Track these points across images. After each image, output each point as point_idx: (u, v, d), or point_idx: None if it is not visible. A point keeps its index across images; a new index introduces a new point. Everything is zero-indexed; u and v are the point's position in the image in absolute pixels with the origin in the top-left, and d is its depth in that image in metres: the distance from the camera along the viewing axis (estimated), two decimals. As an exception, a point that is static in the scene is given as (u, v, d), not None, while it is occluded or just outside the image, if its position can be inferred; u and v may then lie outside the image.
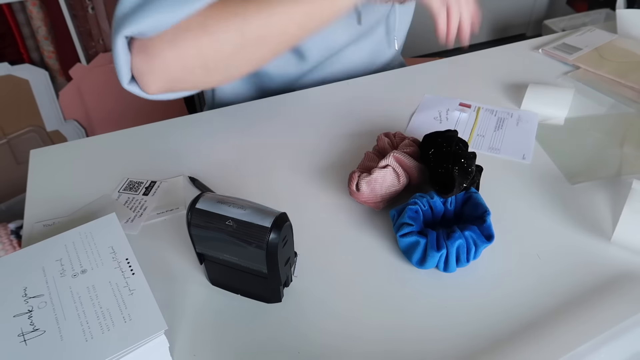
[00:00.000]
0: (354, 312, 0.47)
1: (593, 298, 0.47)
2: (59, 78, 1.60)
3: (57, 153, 0.68)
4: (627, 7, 0.92)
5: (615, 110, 0.74)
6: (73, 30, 1.52)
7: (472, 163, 0.53)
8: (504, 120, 0.69)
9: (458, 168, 0.52)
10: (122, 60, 0.53)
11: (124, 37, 0.51)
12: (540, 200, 0.58)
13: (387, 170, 0.54)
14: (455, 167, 0.51)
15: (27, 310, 0.40)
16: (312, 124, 0.72)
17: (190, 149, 0.67)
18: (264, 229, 0.41)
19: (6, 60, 1.47)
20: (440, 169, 0.52)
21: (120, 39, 0.51)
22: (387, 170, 0.54)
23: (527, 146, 0.65)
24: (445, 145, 0.54)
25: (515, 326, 0.45)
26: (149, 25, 0.50)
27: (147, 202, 0.59)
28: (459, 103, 0.73)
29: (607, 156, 0.65)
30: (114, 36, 0.51)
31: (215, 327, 0.46)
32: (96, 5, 1.53)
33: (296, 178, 0.62)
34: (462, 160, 0.52)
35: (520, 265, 0.51)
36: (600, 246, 0.53)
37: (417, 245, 0.48)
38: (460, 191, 0.52)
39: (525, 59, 0.88)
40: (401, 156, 0.54)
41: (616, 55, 0.86)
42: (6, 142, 1.55)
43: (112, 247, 0.45)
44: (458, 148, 0.54)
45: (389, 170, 0.54)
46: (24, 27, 1.48)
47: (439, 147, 0.54)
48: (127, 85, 0.56)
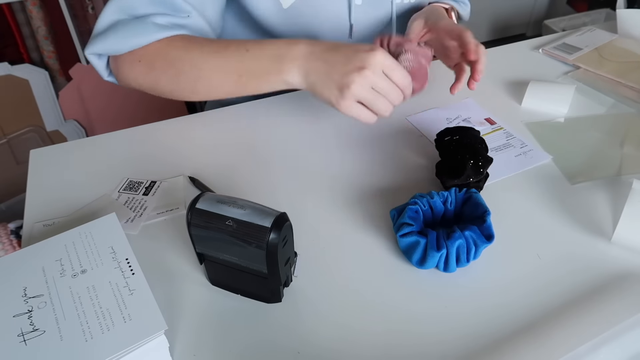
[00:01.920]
0: (354, 312, 0.47)
1: (593, 298, 0.47)
2: (58, 78, 1.60)
3: (57, 153, 0.68)
4: (627, 7, 0.92)
5: (615, 110, 0.74)
6: (73, 30, 1.52)
7: (486, 165, 0.54)
8: (511, 147, 0.67)
9: (473, 162, 0.53)
10: (96, 66, 0.66)
11: (93, 54, 0.64)
12: (540, 200, 0.58)
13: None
14: (471, 160, 0.53)
15: (27, 310, 0.40)
16: (312, 124, 0.72)
17: (190, 149, 0.67)
18: (264, 229, 0.41)
19: (6, 60, 1.47)
20: (459, 156, 0.54)
21: (90, 55, 0.64)
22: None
23: (505, 172, 0.63)
24: (467, 139, 0.55)
25: (515, 326, 0.45)
26: (108, 49, 0.62)
27: (147, 202, 0.59)
28: (485, 117, 0.73)
29: (607, 156, 0.65)
30: (86, 50, 0.63)
31: (215, 327, 0.46)
32: (96, 5, 1.53)
33: (296, 178, 0.62)
34: (480, 157, 0.53)
35: (520, 265, 0.51)
36: (600, 246, 0.53)
37: (417, 245, 0.48)
38: (464, 183, 0.53)
39: (525, 59, 0.88)
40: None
41: (616, 55, 0.86)
42: (6, 142, 1.55)
43: (112, 247, 0.45)
44: (480, 146, 0.55)
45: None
46: (23, 27, 1.48)
47: (461, 138, 0.56)
48: (107, 78, 0.67)
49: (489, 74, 0.83)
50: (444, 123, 0.71)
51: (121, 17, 0.61)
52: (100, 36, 0.61)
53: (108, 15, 0.62)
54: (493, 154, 0.65)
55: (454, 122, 0.72)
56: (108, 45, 0.61)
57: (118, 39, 0.60)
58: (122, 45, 0.61)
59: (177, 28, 0.62)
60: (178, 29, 0.62)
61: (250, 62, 0.59)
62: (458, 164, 0.54)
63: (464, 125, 0.57)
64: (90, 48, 0.62)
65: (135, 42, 0.60)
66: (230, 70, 0.60)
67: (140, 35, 0.60)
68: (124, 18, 0.61)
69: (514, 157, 0.65)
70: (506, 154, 0.65)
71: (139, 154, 0.67)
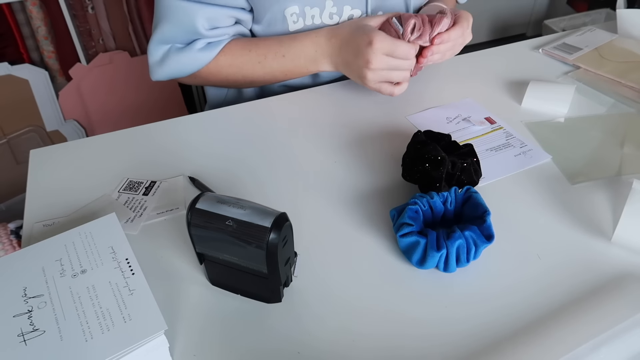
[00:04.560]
0: (354, 312, 0.47)
1: (593, 298, 0.47)
2: (58, 78, 1.60)
3: (57, 153, 0.68)
4: (627, 7, 0.92)
5: (615, 110, 0.74)
6: (73, 30, 1.52)
7: (441, 161, 0.54)
8: (510, 146, 0.66)
9: (429, 165, 0.54)
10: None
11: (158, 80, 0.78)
12: (540, 200, 0.58)
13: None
14: (426, 164, 0.54)
15: (27, 311, 0.40)
16: (312, 124, 0.72)
17: (190, 149, 0.67)
18: (264, 229, 0.41)
19: (6, 60, 1.47)
20: (418, 175, 0.55)
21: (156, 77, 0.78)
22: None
23: (505, 172, 0.63)
24: (420, 145, 0.56)
25: (515, 326, 0.45)
26: (170, 76, 0.76)
27: (147, 202, 0.59)
28: (485, 117, 0.73)
29: (607, 156, 0.65)
30: (152, 78, 0.77)
31: (215, 327, 0.46)
32: (96, 5, 1.53)
33: (296, 178, 0.62)
34: (429, 156, 0.54)
35: (520, 265, 0.51)
36: (600, 246, 0.53)
37: (417, 245, 0.48)
38: (453, 180, 0.53)
39: (525, 59, 0.88)
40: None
41: (616, 55, 0.86)
42: (6, 142, 1.55)
43: (112, 247, 0.45)
44: (429, 149, 0.55)
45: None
46: (23, 26, 1.48)
47: (415, 149, 0.57)
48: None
49: (489, 74, 0.83)
50: (443, 122, 0.71)
51: (167, 47, 0.73)
52: (157, 66, 0.75)
53: (156, 47, 0.74)
54: (493, 153, 0.65)
55: (453, 121, 0.72)
56: (169, 74, 0.75)
57: (174, 69, 0.75)
58: (179, 73, 0.76)
59: (219, 44, 0.74)
60: (219, 45, 0.74)
61: (289, 66, 0.75)
62: (427, 179, 0.54)
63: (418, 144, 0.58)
64: (154, 76, 0.76)
65: (188, 69, 0.75)
66: (276, 74, 0.76)
67: (191, 64, 0.74)
68: (170, 47, 0.73)
69: (513, 156, 0.65)
70: (506, 153, 0.65)
71: (139, 154, 0.67)
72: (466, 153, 0.56)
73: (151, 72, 0.76)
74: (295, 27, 0.75)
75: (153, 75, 0.76)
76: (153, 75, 0.76)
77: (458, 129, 0.70)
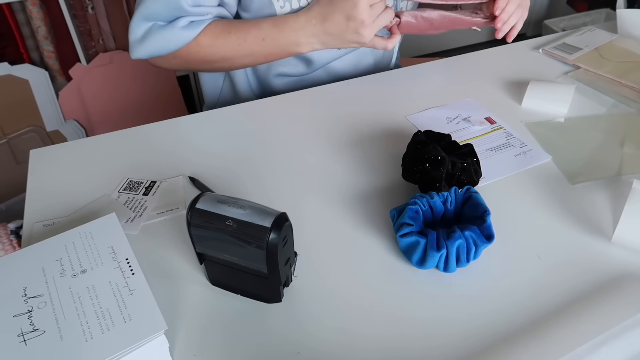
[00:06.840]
0: (354, 312, 0.47)
1: (593, 298, 0.47)
2: (58, 78, 1.60)
3: (57, 153, 0.68)
4: (627, 7, 0.92)
5: (615, 110, 0.74)
6: (73, 30, 1.52)
7: (441, 161, 0.54)
8: (510, 146, 0.66)
9: (429, 165, 0.54)
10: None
11: (137, 59, 0.76)
12: (540, 200, 0.58)
13: None
14: (426, 164, 0.54)
15: (27, 310, 0.40)
16: (312, 124, 0.72)
17: (190, 149, 0.67)
18: (264, 229, 0.41)
19: (6, 60, 1.47)
20: (418, 175, 0.55)
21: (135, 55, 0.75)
22: None
23: (505, 172, 0.63)
24: (420, 146, 0.56)
25: (515, 326, 0.45)
26: (150, 54, 0.74)
27: (147, 202, 0.59)
28: (485, 117, 0.72)
29: (607, 156, 0.65)
30: (132, 56, 0.75)
31: (215, 327, 0.46)
32: (96, 5, 1.53)
33: (296, 178, 0.62)
34: (429, 156, 0.54)
35: (520, 265, 0.51)
36: (600, 246, 0.53)
37: (417, 245, 0.48)
38: (452, 180, 0.53)
39: (525, 58, 0.88)
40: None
41: (616, 55, 0.86)
42: (6, 142, 1.55)
43: (112, 247, 0.45)
44: (429, 149, 0.55)
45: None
46: (23, 26, 1.48)
47: (415, 149, 0.57)
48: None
49: (489, 74, 0.83)
50: (443, 122, 0.71)
51: (150, 24, 0.72)
52: (138, 44, 0.73)
53: (138, 24, 0.72)
54: (493, 153, 0.65)
55: (453, 121, 0.72)
56: (149, 52, 0.73)
57: (155, 47, 0.73)
58: (159, 51, 0.73)
59: (201, 24, 0.72)
60: (202, 24, 0.72)
61: (270, 49, 0.74)
62: (427, 179, 0.54)
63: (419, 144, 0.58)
64: (134, 54, 0.74)
65: (169, 47, 0.73)
66: (256, 56, 0.75)
67: (172, 41, 0.72)
68: (152, 25, 0.72)
69: (513, 156, 0.65)
70: (506, 153, 0.65)
71: (139, 154, 0.67)
72: (466, 153, 0.56)
73: (131, 50, 0.74)
74: (282, 12, 0.75)
75: (133, 53, 0.74)
76: (133, 53, 0.74)
77: (458, 129, 0.70)
